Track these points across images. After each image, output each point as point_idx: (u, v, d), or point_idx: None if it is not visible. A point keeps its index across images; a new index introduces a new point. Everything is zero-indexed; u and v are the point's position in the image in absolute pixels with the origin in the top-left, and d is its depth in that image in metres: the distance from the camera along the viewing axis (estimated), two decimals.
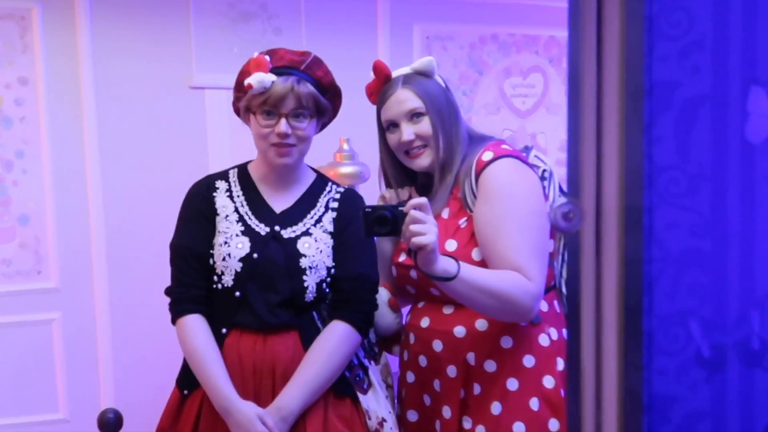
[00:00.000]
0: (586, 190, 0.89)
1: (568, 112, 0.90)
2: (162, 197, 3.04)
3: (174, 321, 1.65)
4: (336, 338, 1.59)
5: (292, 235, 1.63)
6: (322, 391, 1.59)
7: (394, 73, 1.71)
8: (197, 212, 1.68)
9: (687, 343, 0.75)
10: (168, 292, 1.67)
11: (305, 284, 1.59)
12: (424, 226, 1.36)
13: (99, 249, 2.99)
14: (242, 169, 1.74)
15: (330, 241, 1.64)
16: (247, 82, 1.60)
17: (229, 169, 1.76)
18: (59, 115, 2.94)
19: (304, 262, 1.59)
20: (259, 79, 1.58)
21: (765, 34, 0.75)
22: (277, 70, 1.61)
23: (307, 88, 1.60)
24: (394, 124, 1.67)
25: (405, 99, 1.64)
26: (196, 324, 1.61)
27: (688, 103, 0.75)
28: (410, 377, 1.72)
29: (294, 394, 1.55)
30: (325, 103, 1.65)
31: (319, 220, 1.65)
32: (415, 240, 1.35)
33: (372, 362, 1.71)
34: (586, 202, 0.88)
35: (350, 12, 3.03)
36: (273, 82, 1.58)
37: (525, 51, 2.86)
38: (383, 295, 1.73)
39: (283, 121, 1.59)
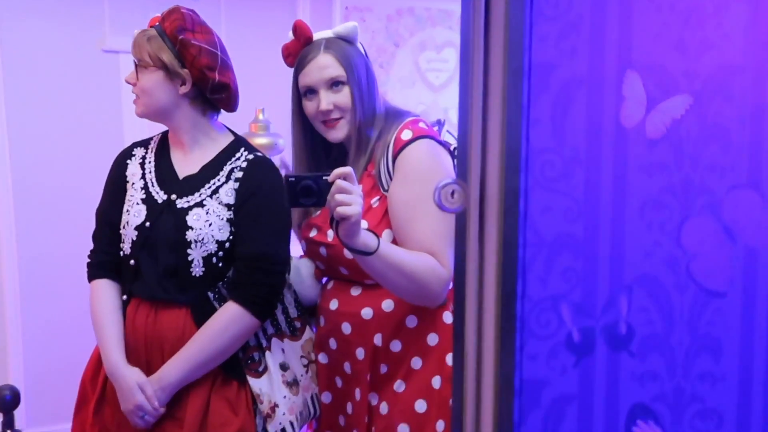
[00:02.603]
0: (472, 171, 0.87)
1: (460, 93, 0.88)
2: (74, 165, 2.93)
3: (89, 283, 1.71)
4: (225, 318, 1.56)
5: (185, 205, 1.59)
6: (205, 369, 1.57)
7: (316, 36, 1.64)
8: (113, 180, 1.71)
9: (558, 327, 0.75)
10: (88, 255, 1.73)
11: (189, 258, 1.56)
12: (350, 196, 1.31)
13: (6, 221, 2.88)
14: (164, 135, 1.73)
15: (226, 214, 1.58)
16: None
17: (156, 135, 1.75)
18: None
19: (190, 235, 1.56)
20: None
21: (641, 18, 0.74)
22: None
23: (142, 40, 1.59)
24: (311, 91, 1.59)
25: (326, 65, 1.56)
26: (99, 289, 1.66)
27: (564, 86, 0.74)
28: (322, 358, 1.70)
29: (175, 366, 1.56)
30: (160, 57, 1.56)
31: (216, 191, 1.60)
32: (341, 210, 1.30)
33: (286, 340, 1.67)
34: (472, 183, 0.87)
35: None
36: None
37: (440, 25, 2.85)
38: (308, 266, 1.69)
39: (131, 71, 1.62)
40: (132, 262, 1.61)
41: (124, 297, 1.64)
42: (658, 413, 0.75)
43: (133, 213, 1.61)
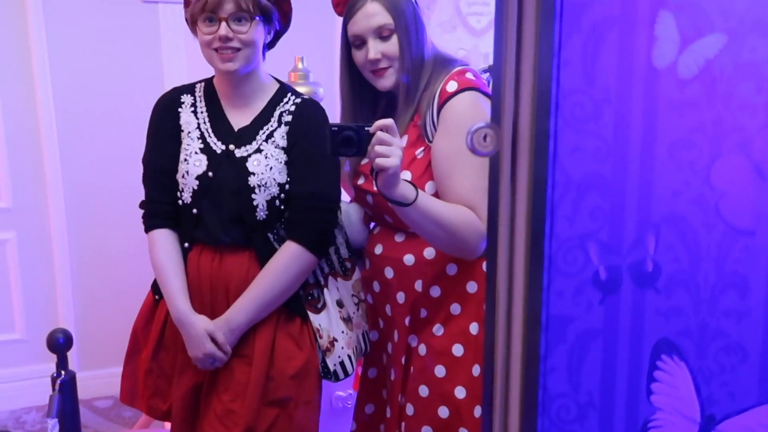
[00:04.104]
0: (505, 114, 0.89)
1: (495, 36, 0.89)
2: (115, 116, 2.99)
3: (147, 233, 1.72)
4: (287, 257, 1.60)
5: (245, 154, 1.63)
6: (271, 307, 1.62)
7: None
8: (164, 128, 1.70)
9: (584, 265, 0.76)
10: (140, 206, 1.73)
11: (254, 203, 1.60)
12: (389, 148, 1.34)
13: (53, 168, 2.96)
14: (209, 83, 1.72)
15: (282, 157, 1.62)
16: None
17: (197, 82, 1.74)
18: (4, 32, 2.84)
19: (252, 181, 1.60)
20: None
21: None
22: None
23: None
24: (361, 40, 1.60)
25: (374, 13, 1.57)
26: (160, 238, 1.67)
27: (596, 26, 0.74)
28: (369, 299, 1.76)
29: (242, 307, 1.61)
30: (266, 4, 1.59)
31: (270, 136, 1.63)
32: (379, 161, 1.34)
33: (339, 279, 1.72)
34: (505, 126, 0.88)
35: None
36: None
37: None
38: (357, 211, 1.74)
39: (223, 24, 1.55)
40: (194, 210, 1.63)
41: (186, 245, 1.67)
42: (683, 348, 0.77)
43: (193, 162, 1.63)
